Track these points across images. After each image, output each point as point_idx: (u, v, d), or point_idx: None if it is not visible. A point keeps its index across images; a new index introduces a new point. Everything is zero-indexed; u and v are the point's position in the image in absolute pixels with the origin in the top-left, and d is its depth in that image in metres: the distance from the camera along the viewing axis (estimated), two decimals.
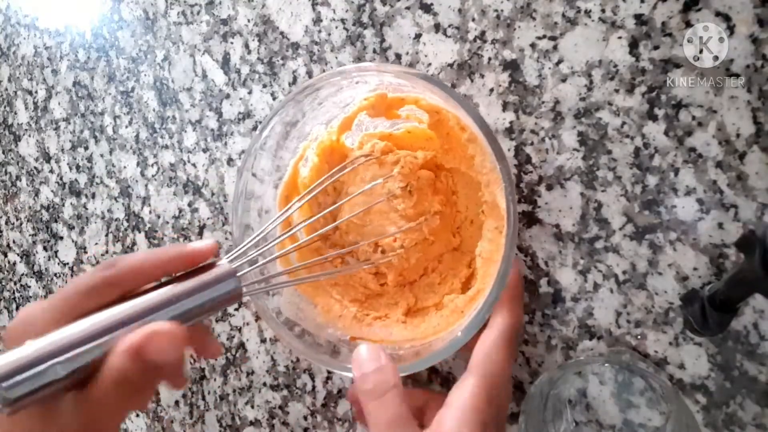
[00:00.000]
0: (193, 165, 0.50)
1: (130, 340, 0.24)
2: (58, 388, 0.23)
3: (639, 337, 0.33)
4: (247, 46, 0.46)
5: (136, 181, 0.55)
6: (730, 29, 0.30)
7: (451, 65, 0.38)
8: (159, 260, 0.27)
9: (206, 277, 0.27)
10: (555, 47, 0.35)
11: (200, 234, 0.51)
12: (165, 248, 0.28)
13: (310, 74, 0.44)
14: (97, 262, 0.59)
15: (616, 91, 0.33)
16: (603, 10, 0.33)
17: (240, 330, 0.49)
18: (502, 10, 0.36)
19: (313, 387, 0.45)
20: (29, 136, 0.64)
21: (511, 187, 0.28)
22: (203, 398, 0.51)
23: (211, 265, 0.28)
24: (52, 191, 0.63)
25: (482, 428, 0.26)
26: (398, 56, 0.40)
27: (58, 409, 0.24)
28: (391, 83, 0.35)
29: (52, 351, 0.23)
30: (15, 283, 0.69)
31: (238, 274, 0.28)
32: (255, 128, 0.47)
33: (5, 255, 0.69)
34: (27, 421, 0.24)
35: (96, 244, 0.59)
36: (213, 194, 0.50)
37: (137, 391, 0.25)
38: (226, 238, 0.49)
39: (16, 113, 0.65)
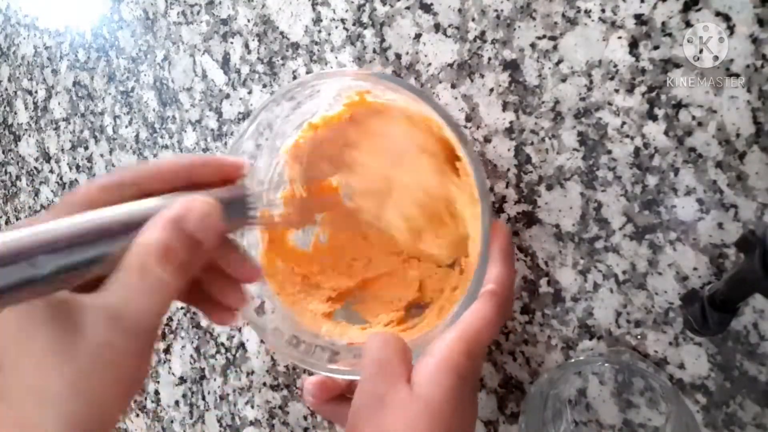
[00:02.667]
0: None
1: (169, 211, 0.21)
2: (52, 288, 0.20)
3: (639, 337, 0.33)
4: (247, 46, 0.46)
5: None
6: (730, 29, 0.30)
7: (451, 65, 0.38)
8: (184, 165, 0.25)
9: (232, 192, 0.25)
10: (555, 47, 0.35)
11: None
12: (193, 155, 0.25)
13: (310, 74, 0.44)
14: None
15: (616, 91, 0.33)
16: (603, 10, 0.33)
17: (240, 330, 0.49)
18: (502, 10, 0.36)
19: None
20: (29, 136, 0.64)
21: (479, 171, 0.29)
22: (203, 398, 0.51)
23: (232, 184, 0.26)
24: (52, 191, 0.63)
25: (459, 380, 0.25)
26: (398, 56, 0.40)
27: (77, 309, 0.20)
28: (351, 87, 0.34)
29: (38, 241, 0.19)
30: None
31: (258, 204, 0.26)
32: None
33: None
34: (26, 325, 0.20)
35: None
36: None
37: (185, 269, 0.21)
38: None
39: (16, 113, 0.65)
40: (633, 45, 0.32)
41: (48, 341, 0.19)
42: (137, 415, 0.56)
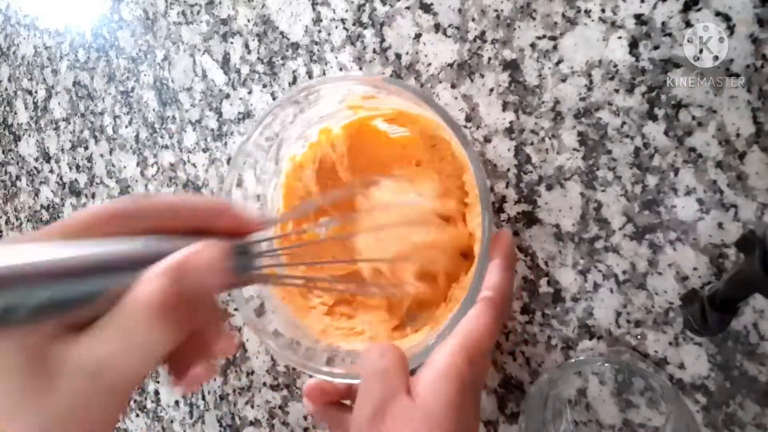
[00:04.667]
0: (193, 165, 0.50)
1: (173, 258, 0.20)
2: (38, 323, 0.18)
3: (639, 337, 0.33)
4: (247, 46, 0.46)
5: (136, 181, 0.55)
6: (730, 29, 0.30)
7: (451, 65, 0.38)
8: (198, 207, 0.23)
9: (240, 243, 0.23)
10: (555, 47, 0.35)
11: None
12: (209, 199, 0.23)
13: (310, 74, 0.44)
14: None
15: (616, 91, 0.33)
16: (603, 10, 0.33)
17: (240, 330, 0.49)
18: (502, 10, 0.36)
19: None
20: (29, 136, 0.64)
21: (481, 175, 0.28)
22: (203, 398, 0.51)
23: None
24: (52, 191, 0.63)
25: (461, 388, 0.25)
26: (398, 56, 0.40)
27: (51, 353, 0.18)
28: (358, 92, 0.35)
29: (33, 268, 0.17)
30: None
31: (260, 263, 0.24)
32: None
33: None
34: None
35: None
36: (213, 194, 0.50)
37: (180, 329, 0.19)
38: None
39: (16, 113, 0.65)
40: (633, 45, 0.32)
41: (17, 388, 0.18)
42: (137, 415, 0.56)
